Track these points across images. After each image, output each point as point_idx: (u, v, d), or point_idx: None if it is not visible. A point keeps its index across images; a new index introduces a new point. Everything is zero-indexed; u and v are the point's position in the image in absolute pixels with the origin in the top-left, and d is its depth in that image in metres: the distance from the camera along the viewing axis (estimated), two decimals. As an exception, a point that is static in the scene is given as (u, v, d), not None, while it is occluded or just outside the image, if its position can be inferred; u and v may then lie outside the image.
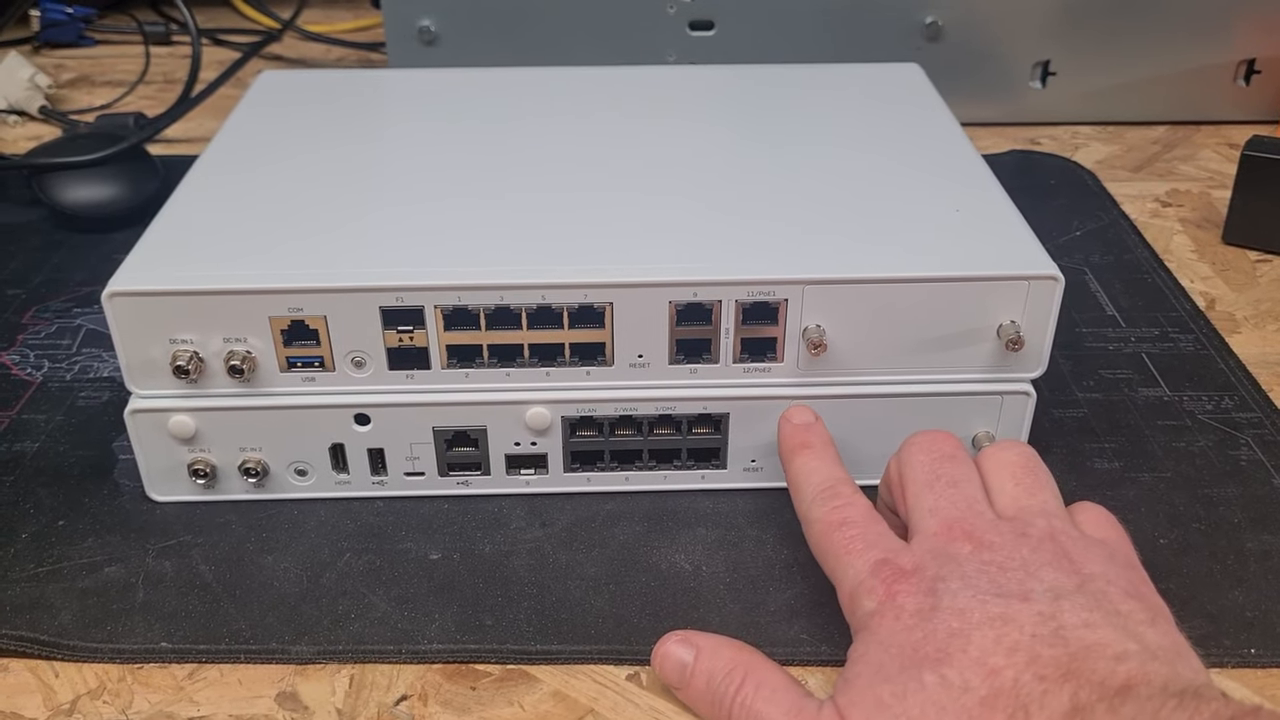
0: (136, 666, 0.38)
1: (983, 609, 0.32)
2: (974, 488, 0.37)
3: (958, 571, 0.33)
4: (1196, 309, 0.57)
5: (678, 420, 0.44)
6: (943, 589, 0.33)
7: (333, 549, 0.43)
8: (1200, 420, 0.49)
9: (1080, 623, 0.31)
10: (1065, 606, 0.32)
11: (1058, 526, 0.35)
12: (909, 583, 0.33)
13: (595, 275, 0.41)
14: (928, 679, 0.31)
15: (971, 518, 0.35)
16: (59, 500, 0.45)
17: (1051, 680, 0.30)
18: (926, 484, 0.37)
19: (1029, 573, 0.33)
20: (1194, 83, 0.77)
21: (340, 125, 0.53)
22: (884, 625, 0.33)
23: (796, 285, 0.41)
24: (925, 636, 0.32)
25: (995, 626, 0.31)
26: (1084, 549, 0.34)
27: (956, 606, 0.32)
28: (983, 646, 0.31)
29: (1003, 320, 0.42)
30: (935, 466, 0.37)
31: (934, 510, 0.36)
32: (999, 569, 0.33)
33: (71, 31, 0.96)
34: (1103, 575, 0.33)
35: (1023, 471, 0.37)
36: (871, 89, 0.57)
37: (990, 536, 0.34)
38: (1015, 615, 0.31)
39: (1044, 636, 0.31)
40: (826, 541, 0.36)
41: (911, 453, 0.38)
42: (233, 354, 0.41)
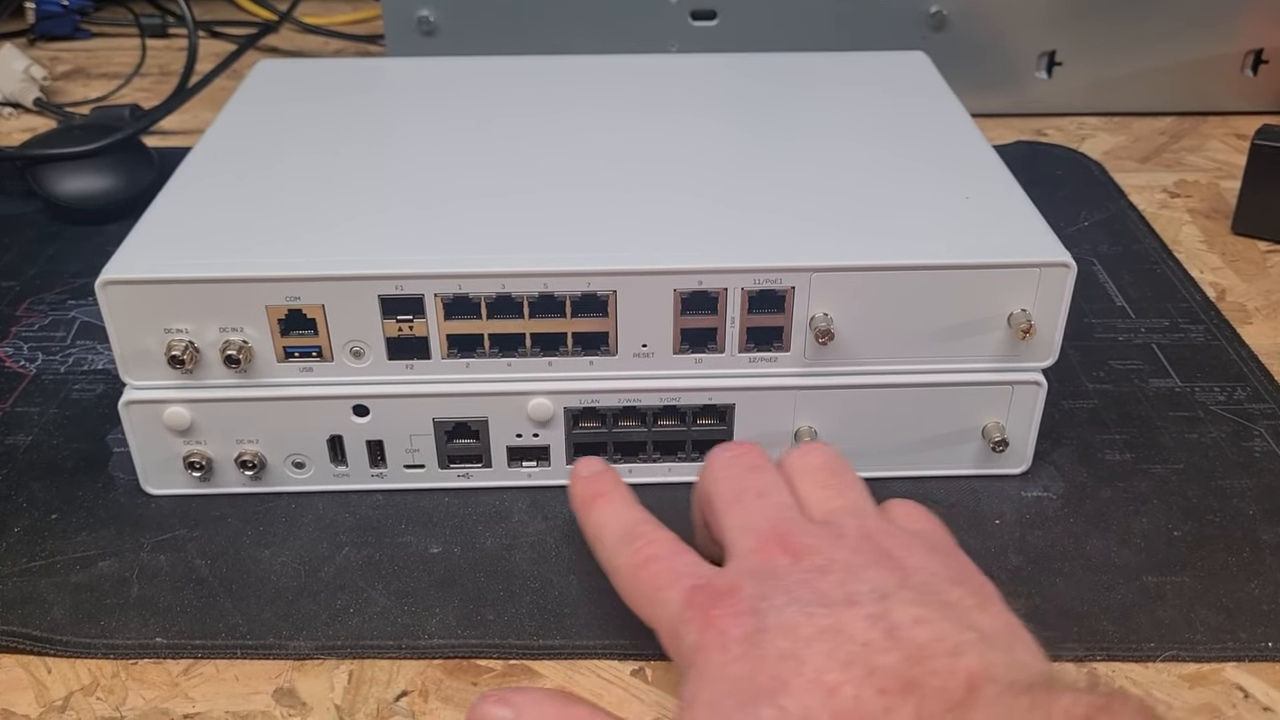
0: (131, 662, 0.37)
1: (810, 622, 0.30)
2: (782, 495, 0.35)
3: (779, 586, 0.31)
4: (1207, 299, 0.56)
5: (682, 411, 0.43)
6: (766, 607, 0.31)
7: (331, 543, 0.42)
8: (1212, 411, 0.48)
9: (911, 620, 0.30)
10: (893, 605, 0.30)
11: (871, 525, 0.34)
12: (727, 605, 0.31)
13: (598, 263, 0.40)
14: (765, 714, 0.28)
15: (783, 526, 0.34)
16: (52, 494, 0.44)
17: (894, 694, 0.28)
18: (734, 499, 0.35)
19: (851, 574, 0.31)
20: (1201, 73, 0.76)
21: (339, 114, 0.52)
22: (711, 659, 0.30)
23: (804, 273, 0.40)
24: (757, 665, 0.29)
25: (827, 639, 0.29)
26: (903, 543, 0.33)
27: (783, 624, 0.30)
28: (817, 665, 0.29)
29: (1014, 308, 0.41)
30: (740, 481, 0.36)
31: (745, 526, 0.34)
32: (820, 575, 0.31)
33: (67, 24, 0.95)
34: (925, 567, 0.32)
35: (826, 474, 0.36)
36: (878, 77, 0.56)
37: (806, 542, 0.33)
38: (845, 624, 0.30)
39: (877, 642, 0.29)
40: (634, 583, 0.34)
41: (715, 470, 0.37)
42: (229, 344, 0.40)
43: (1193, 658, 0.37)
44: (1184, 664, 0.37)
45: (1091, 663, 0.37)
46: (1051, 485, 0.44)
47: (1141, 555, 0.41)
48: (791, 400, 0.43)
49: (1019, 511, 0.43)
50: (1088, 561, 0.41)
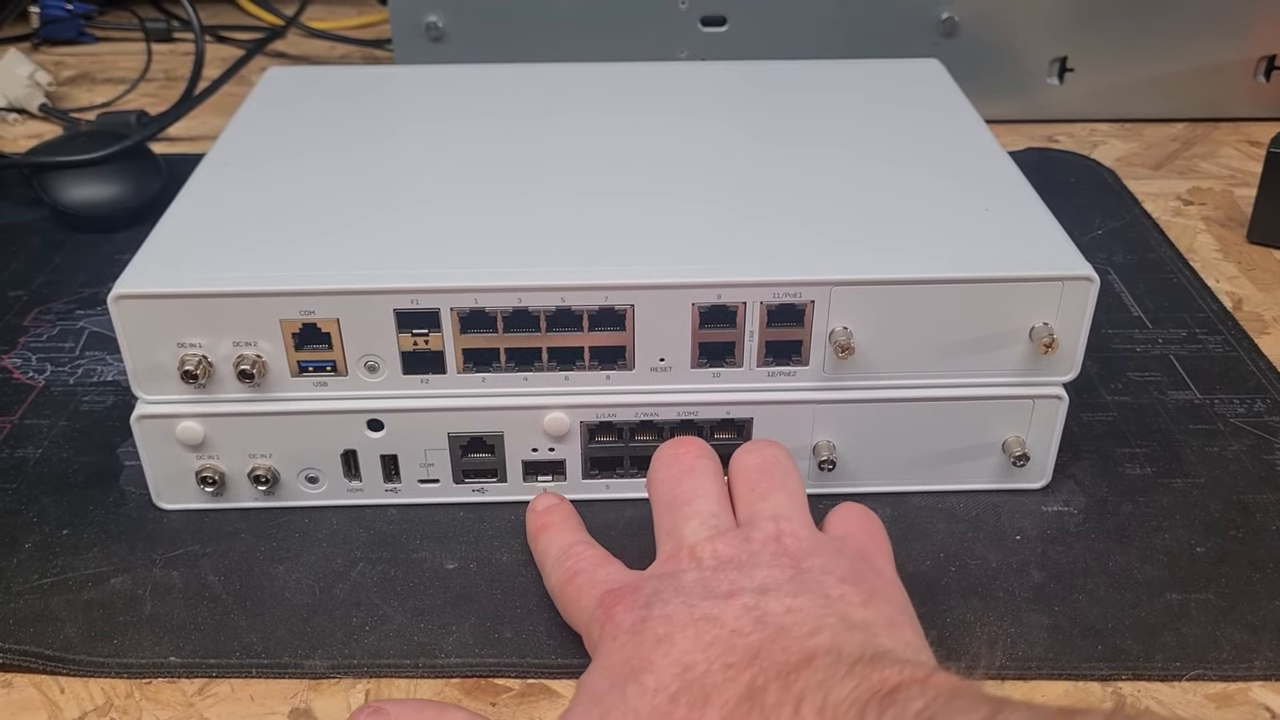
0: (144, 681, 0.37)
1: (689, 612, 0.31)
2: (708, 501, 0.36)
3: (674, 584, 0.33)
4: (1224, 309, 0.56)
5: (700, 425, 0.43)
6: (655, 600, 0.32)
7: (345, 559, 0.41)
8: (1233, 424, 0.48)
9: (783, 609, 0.31)
10: (771, 597, 0.31)
11: (785, 528, 0.35)
12: (625, 601, 0.33)
13: (616, 276, 0.40)
14: (629, 690, 0.30)
15: (701, 533, 0.35)
16: (63, 509, 0.44)
17: (737, 667, 0.29)
18: (665, 505, 0.37)
19: (743, 572, 0.33)
20: (1213, 79, 0.76)
21: (350, 123, 0.52)
22: (603, 649, 0.32)
23: (824, 286, 0.40)
24: (634, 649, 0.31)
25: (699, 626, 0.31)
26: (809, 546, 0.34)
27: (665, 613, 0.32)
28: (684, 648, 0.30)
29: (1035, 322, 0.40)
30: (673, 485, 0.37)
31: (668, 532, 0.36)
32: (713, 573, 0.33)
33: (72, 28, 0.95)
34: (821, 566, 0.33)
35: (758, 475, 0.37)
36: (893, 85, 0.56)
37: (713, 547, 0.34)
38: (720, 613, 0.31)
39: (744, 628, 0.31)
40: (562, 598, 0.37)
41: (654, 471, 0.38)
42: (242, 358, 0.40)
43: (1219, 677, 0.37)
44: (1210, 683, 0.36)
45: (1116, 682, 0.37)
46: (1072, 500, 0.44)
47: (1164, 571, 0.40)
48: (810, 414, 0.42)
49: (1040, 527, 0.43)
50: (1110, 578, 0.40)
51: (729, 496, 0.37)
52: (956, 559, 0.41)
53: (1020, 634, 0.38)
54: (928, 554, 0.41)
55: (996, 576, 0.40)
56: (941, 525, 0.43)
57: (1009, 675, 0.37)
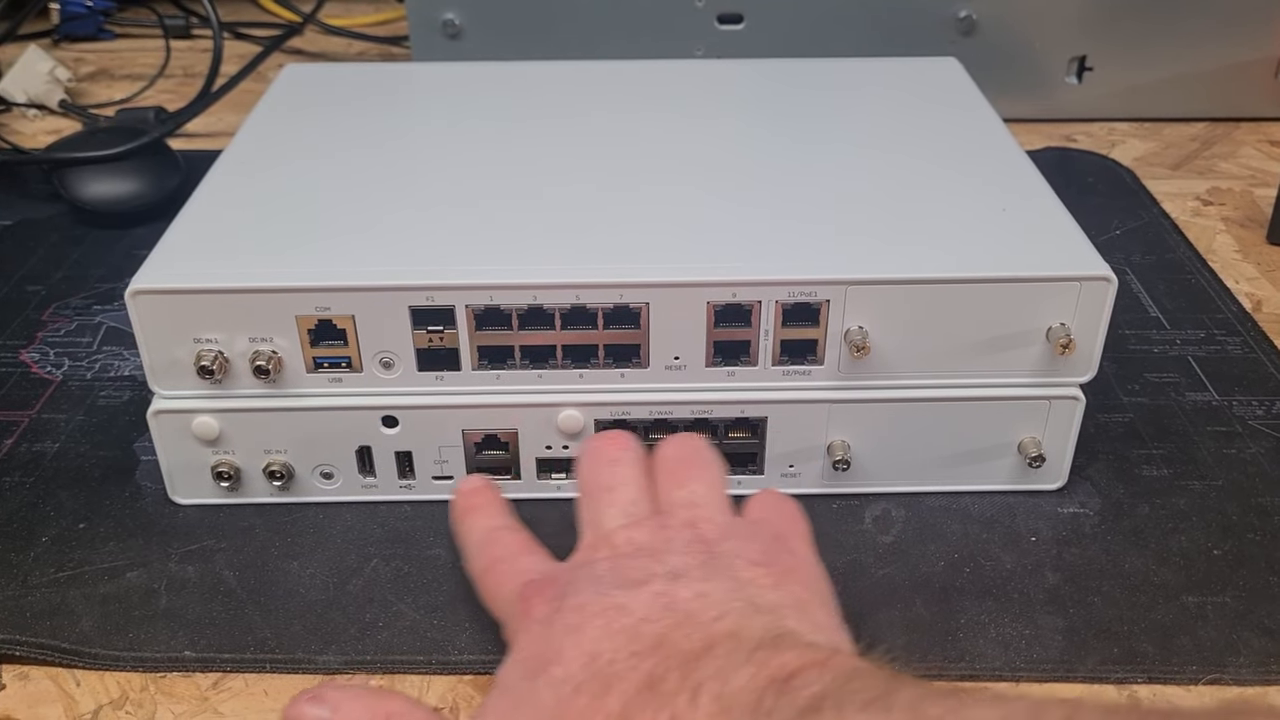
0: (159, 675, 0.37)
1: (600, 601, 0.31)
2: (630, 491, 0.36)
3: (588, 574, 0.33)
4: (1243, 311, 0.55)
5: (714, 424, 0.42)
6: (569, 591, 0.32)
7: (360, 554, 0.42)
8: (1251, 426, 0.47)
9: (691, 595, 0.31)
10: (681, 583, 0.31)
11: (700, 514, 0.35)
12: (542, 593, 0.33)
13: (631, 274, 0.39)
14: (539, 681, 0.30)
15: (620, 521, 0.35)
16: (80, 502, 0.44)
17: (640, 655, 0.29)
18: (587, 495, 0.37)
19: (655, 559, 0.33)
20: (1233, 78, 0.75)
21: (366, 120, 0.52)
22: (518, 641, 0.32)
23: (839, 286, 0.39)
24: (546, 641, 0.31)
25: (608, 615, 0.31)
26: (722, 530, 0.34)
27: (577, 604, 0.31)
28: (593, 638, 0.30)
29: (1052, 323, 0.40)
30: (595, 475, 0.37)
31: (588, 522, 0.36)
32: (627, 561, 0.33)
33: (91, 25, 0.95)
34: (734, 549, 0.33)
35: (676, 464, 0.37)
36: (911, 84, 0.55)
37: (628, 535, 0.34)
38: (630, 602, 0.31)
39: (653, 616, 0.30)
40: (483, 586, 0.36)
41: (580, 462, 0.38)
42: (258, 354, 0.40)
43: (1235, 681, 0.36)
44: (1227, 688, 0.36)
45: (1132, 685, 0.36)
46: (1088, 501, 0.44)
47: (1181, 574, 0.40)
48: (825, 414, 0.42)
49: (1055, 528, 0.42)
50: (1126, 580, 0.40)
51: (652, 488, 0.37)
52: (971, 560, 0.41)
53: (1035, 636, 0.38)
54: (942, 555, 0.41)
55: (1011, 578, 0.40)
56: (956, 526, 0.43)
57: (1024, 678, 0.37)
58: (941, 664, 0.37)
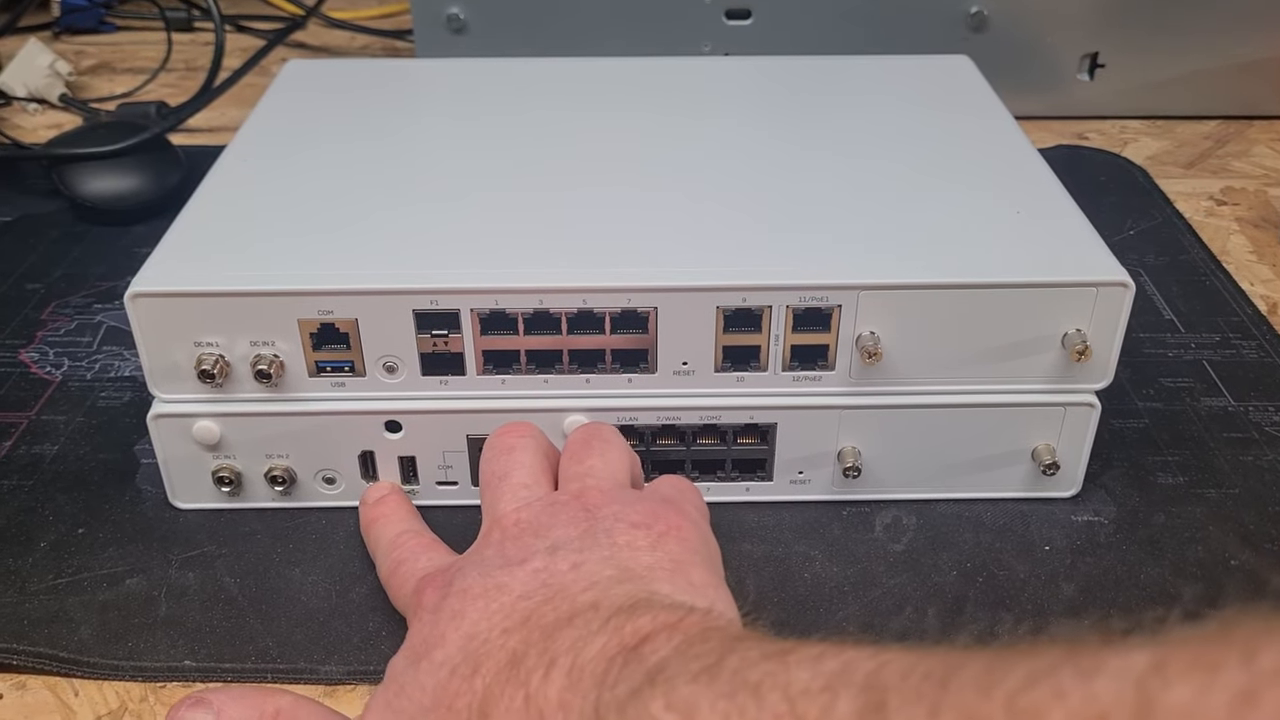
0: (159, 685, 0.37)
1: (483, 582, 0.31)
2: (523, 474, 0.35)
3: (476, 559, 0.33)
4: (1258, 314, 0.55)
5: (723, 430, 0.42)
6: (457, 578, 0.32)
7: (363, 561, 0.41)
8: (1268, 433, 0.47)
9: (568, 566, 0.31)
10: (559, 556, 0.31)
11: (590, 485, 0.34)
12: (434, 584, 0.33)
13: (639, 278, 0.39)
14: (421, 666, 0.30)
15: (507, 506, 0.34)
16: (79, 507, 0.43)
17: (509, 633, 0.29)
18: (485, 484, 0.36)
19: (537, 534, 0.32)
20: (1246, 76, 0.74)
21: (369, 118, 0.51)
22: (410, 631, 0.32)
23: (851, 291, 0.39)
24: (432, 628, 0.31)
25: (490, 596, 0.30)
26: (608, 498, 0.33)
27: (462, 588, 0.31)
28: (473, 618, 0.30)
29: (1068, 329, 0.39)
30: (491, 464, 0.36)
31: (485, 510, 0.35)
32: (512, 540, 0.32)
33: (92, 18, 0.94)
34: (615, 514, 0.32)
35: (577, 445, 0.36)
36: (922, 83, 0.55)
37: (517, 516, 0.34)
38: (510, 580, 0.31)
39: (531, 592, 0.30)
40: (390, 589, 0.36)
41: (482, 455, 0.37)
42: (260, 358, 0.39)
43: (1254, 696, 0.36)
44: (1245, 702, 0.35)
45: (1148, 700, 0.36)
46: (1103, 510, 0.43)
47: (1199, 585, 0.39)
48: (836, 420, 0.41)
49: (1070, 537, 0.42)
50: (1144, 591, 0.39)
51: (550, 471, 0.37)
52: (984, 569, 0.40)
53: (1049, 648, 0.37)
54: (954, 564, 0.41)
55: (1025, 588, 0.40)
56: (969, 534, 0.42)
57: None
58: (954, 677, 0.36)
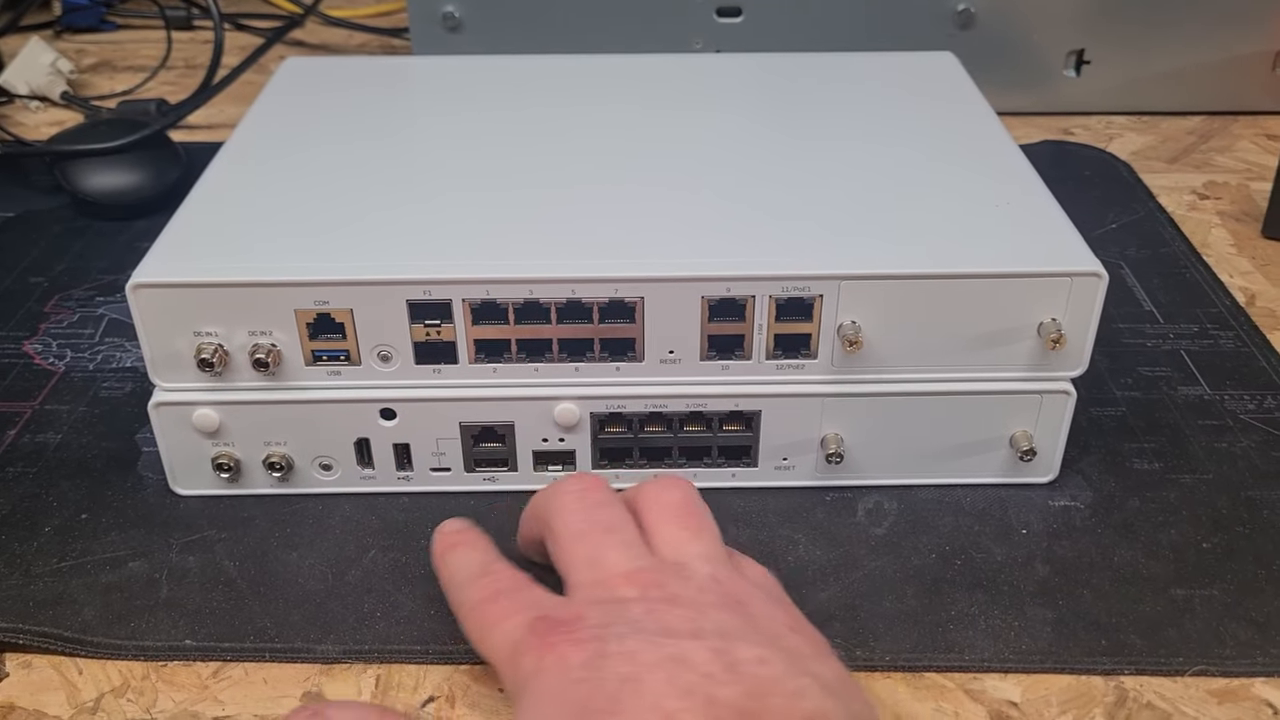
0: (160, 664, 0.38)
1: (654, 650, 0.30)
2: (630, 533, 0.35)
3: (624, 616, 0.31)
4: (1236, 305, 0.56)
5: (708, 417, 0.43)
6: (609, 634, 0.30)
7: (358, 545, 0.42)
8: (1242, 420, 0.48)
9: (754, 659, 0.30)
10: (736, 644, 0.30)
11: (720, 572, 0.33)
12: (569, 632, 0.31)
13: (626, 269, 0.40)
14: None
15: (630, 563, 0.33)
16: (82, 493, 0.44)
17: (700, 712, 0.28)
18: (580, 534, 0.35)
19: (698, 611, 0.31)
20: (1231, 72, 0.75)
21: (365, 114, 0.52)
22: (550, 683, 0.30)
23: (833, 281, 0.40)
24: (595, 688, 0.29)
25: (668, 667, 0.29)
26: (747, 592, 0.33)
27: (625, 650, 0.30)
28: (656, 690, 0.29)
29: (1044, 318, 0.40)
30: (588, 514, 0.35)
31: (590, 560, 0.34)
32: (666, 607, 0.31)
33: (93, 16, 0.95)
34: (766, 614, 0.32)
35: (684, 514, 0.35)
36: (906, 78, 0.56)
37: (653, 577, 0.33)
38: (688, 654, 0.30)
39: (718, 675, 0.29)
40: (480, 617, 0.34)
41: (561, 503, 0.36)
42: (258, 347, 0.40)
43: (1221, 673, 0.37)
44: (1213, 679, 0.37)
45: (1119, 676, 0.37)
46: (1079, 495, 0.44)
47: (1170, 567, 0.41)
48: (819, 407, 0.43)
49: (1046, 521, 0.43)
50: (1116, 573, 0.40)
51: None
52: (962, 552, 0.41)
53: (1024, 628, 0.38)
54: (934, 547, 0.42)
55: (1002, 570, 0.41)
56: (948, 518, 0.43)
57: (1012, 669, 0.37)
58: (931, 655, 0.38)
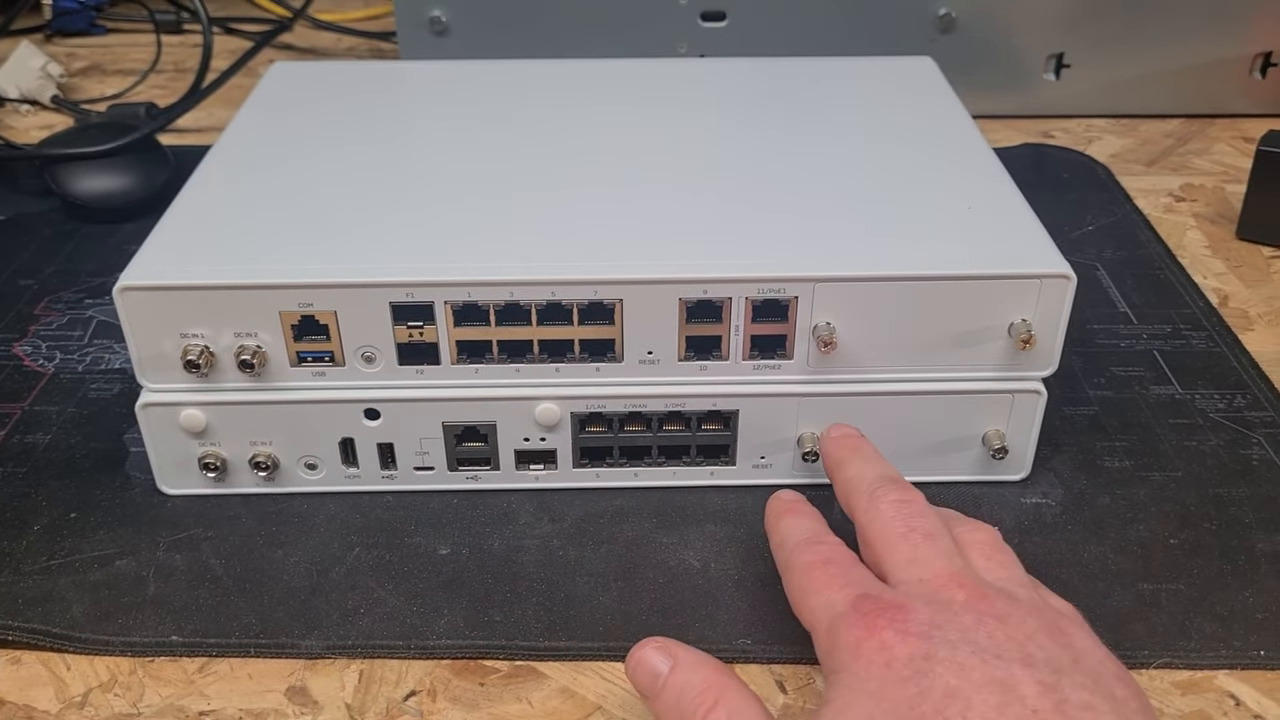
0: (148, 660, 0.38)
1: (984, 669, 0.30)
2: (949, 542, 0.35)
3: (955, 621, 0.31)
4: (1209, 305, 0.57)
5: (687, 417, 0.44)
6: (939, 638, 0.30)
7: (342, 543, 0.43)
8: (1212, 419, 0.49)
9: (1082, 703, 0.29)
10: (1066, 681, 0.30)
11: (1039, 601, 0.33)
12: (895, 619, 0.31)
13: (605, 271, 0.41)
14: None
15: (958, 566, 0.33)
16: (71, 493, 0.45)
17: None
18: (901, 535, 0.35)
19: (1028, 636, 0.31)
20: (1209, 75, 0.76)
21: (350, 119, 0.53)
22: (871, 670, 0.30)
23: (807, 283, 0.41)
24: (921, 694, 0.29)
25: (997, 692, 0.29)
26: (1069, 627, 0.32)
27: (956, 660, 0.30)
28: (983, 713, 0.29)
29: (1014, 319, 0.41)
30: (909, 520, 0.35)
31: (914, 560, 0.34)
32: (998, 623, 0.31)
33: (83, 20, 0.96)
34: (1093, 656, 0.31)
35: (993, 549, 0.36)
36: (884, 83, 0.57)
37: (979, 589, 0.32)
38: (1017, 682, 0.29)
39: (1045, 712, 0.29)
40: (807, 579, 0.34)
41: (880, 506, 0.36)
42: (243, 348, 0.41)
43: (1186, 665, 0.38)
44: (1177, 671, 0.38)
45: (1086, 669, 0.38)
46: (1051, 492, 0.45)
47: (1138, 563, 0.42)
48: (795, 407, 0.43)
49: (1018, 518, 0.44)
50: (1085, 569, 0.41)
51: None
52: (935, 548, 0.42)
53: (994, 622, 0.39)
54: (907, 543, 0.42)
55: (974, 566, 0.41)
56: (922, 515, 0.44)
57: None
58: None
